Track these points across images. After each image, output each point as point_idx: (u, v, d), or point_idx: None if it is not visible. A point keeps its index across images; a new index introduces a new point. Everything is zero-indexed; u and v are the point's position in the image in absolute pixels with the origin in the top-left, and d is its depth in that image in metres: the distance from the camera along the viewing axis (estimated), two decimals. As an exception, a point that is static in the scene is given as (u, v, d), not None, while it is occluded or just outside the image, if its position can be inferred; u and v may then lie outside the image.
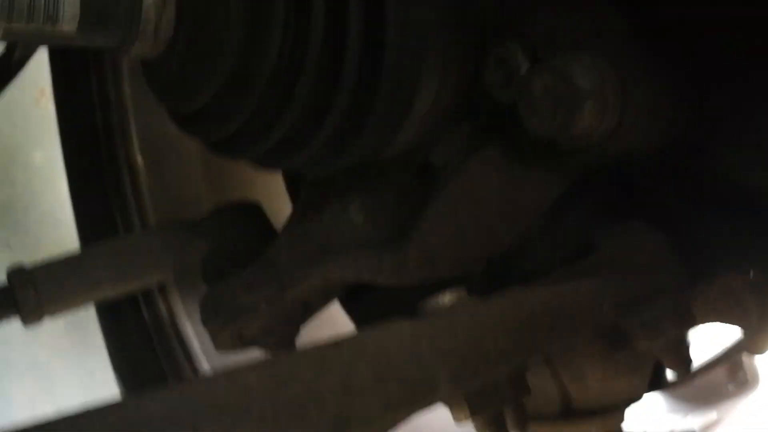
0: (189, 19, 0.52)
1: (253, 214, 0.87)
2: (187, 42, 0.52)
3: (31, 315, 0.77)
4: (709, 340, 0.65)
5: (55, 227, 1.46)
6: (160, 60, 0.54)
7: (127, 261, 0.83)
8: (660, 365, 0.65)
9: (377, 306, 0.79)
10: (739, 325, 0.59)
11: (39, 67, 1.00)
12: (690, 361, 0.61)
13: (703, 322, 0.56)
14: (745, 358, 0.92)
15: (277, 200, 0.94)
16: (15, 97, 1.06)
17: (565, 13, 0.56)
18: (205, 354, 1.02)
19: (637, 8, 0.56)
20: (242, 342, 0.77)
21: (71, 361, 1.50)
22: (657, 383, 0.67)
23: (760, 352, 0.63)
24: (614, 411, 0.64)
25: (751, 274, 0.56)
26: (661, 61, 0.54)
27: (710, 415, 0.96)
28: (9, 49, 0.86)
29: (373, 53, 0.54)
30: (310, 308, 0.77)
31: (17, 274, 0.77)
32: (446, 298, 0.52)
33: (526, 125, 0.51)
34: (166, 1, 0.52)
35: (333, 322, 0.91)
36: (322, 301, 0.77)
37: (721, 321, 0.59)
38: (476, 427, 0.57)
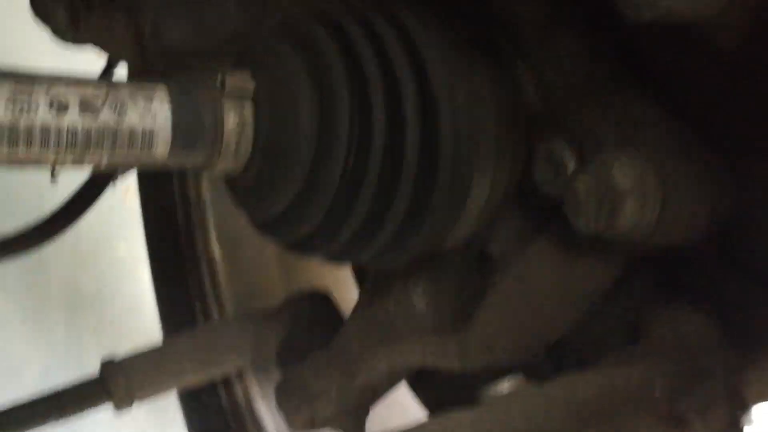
0: (264, 140, 0.58)
1: (323, 303, 0.93)
2: (263, 159, 0.59)
3: (122, 402, 0.84)
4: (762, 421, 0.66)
5: (138, 316, 1.55)
6: (240, 175, 0.61)
7: (207, 350, 0.89)
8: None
9: (443, 388, 0.82)
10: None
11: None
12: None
13: (755, 403, 0.58)
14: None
15: (345, 287, 0.99)
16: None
17: (606, 109, 0.61)
18: (279, 436, 1.07)
19: (673, 96, 0.60)
20: (315, 425, 0.81)
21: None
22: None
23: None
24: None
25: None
26: (699, 146, 0.58)
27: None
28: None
29: (429, 156, 0.59)
30: (377, 392, 0.81)
31: (109, 365, 0.84)
32: (505, 386, 0.55)
33: (573, 224, 0.55)
34: (245, 124, 0.58)
35: (400, 402, 0.94)
36: (389, 385, 0.81)
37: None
38: None
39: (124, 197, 1.49)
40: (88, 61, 0.86)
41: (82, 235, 1.45)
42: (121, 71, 0.86)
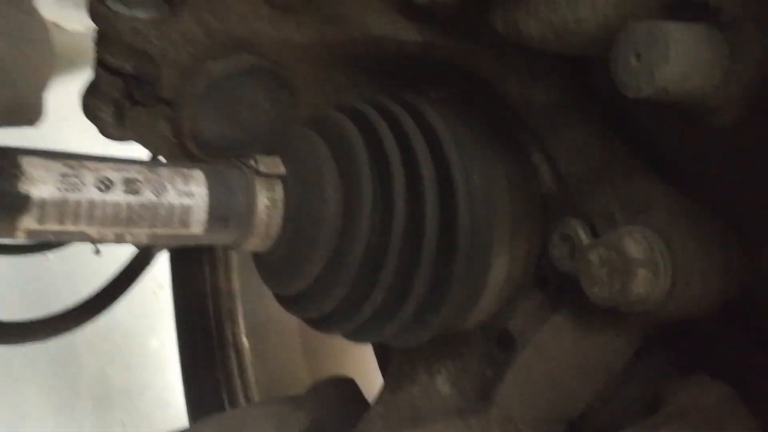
0: (293, 220, 0.62)
1: (347, 388, 0.94)
2: (290, 238, 0.62)
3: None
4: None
5: (166, 408, 1.56)
6: (269, 252, 0.64)
7: (233, 435, 0.89)
8: None
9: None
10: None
11: (157, 263, 1.14)
12: None
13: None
14: None
15: (368, 374, 1.00)
16: (135, 290, 1.20)
17: (618, 189, 0.64)
18: None
19: (682, 174, 0.63)
20: None
21: None
22: None
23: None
24: None
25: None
26: (709, 220, 0.60)
27: None
28: (140, 251, 1.00)
29: (448, 236, 0.62)
30: (402, 476, 0.80)
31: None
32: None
33: (588, 294, 0.57)
34: (275, 205, 0.62)
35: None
36: (413, 469, 0.80)
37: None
38: None
39: (156, 293, 1.53)
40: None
41: (115, 328, 1.48)
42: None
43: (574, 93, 0.68)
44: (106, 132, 0.79)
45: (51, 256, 1.01)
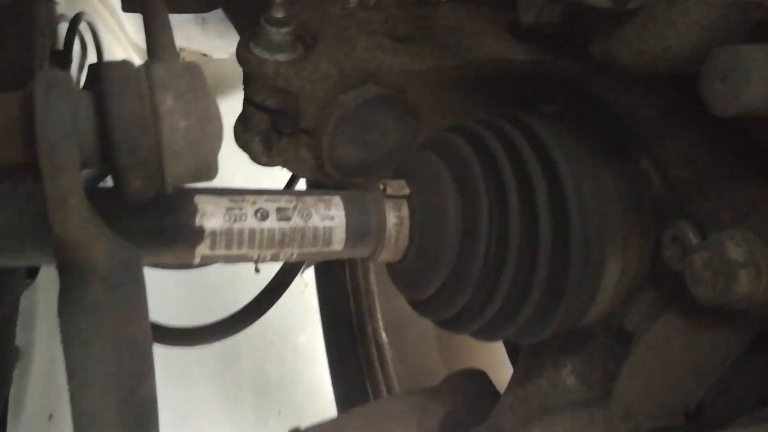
0: (418, 234, 0.70)
1: (480, 380, 1.01)
2: (417, 250, 0.71)
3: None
4: None
5: (317, 399, 1.69)
6: (399, 263, 0.73)
7: (377, 424, 0.99)
8: None
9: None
10: None
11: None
12: None
13: None
14: None
15: (500, 366, 1.07)
16: (286, 289, 1.33)
17: (724, 193, 0.67)
18: None
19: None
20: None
21: None
22: None
23: None
24: None
25: None
26: None
27: None
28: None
29: (562, 246, 0.68)
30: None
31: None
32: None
33: (694, 294, 0.62)
34: (402, 222, 0.71)
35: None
36: (541, 456, 0.86)
37: None
38: None
39: (302, 292, 1.66)
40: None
41: (269, 326, 1.63)
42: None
43: (679, 102, 0.71)
44: (256, 159, 0.91)
45: (212, 270, 1.15)
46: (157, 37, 0.66)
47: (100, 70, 0.47)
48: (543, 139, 0.71)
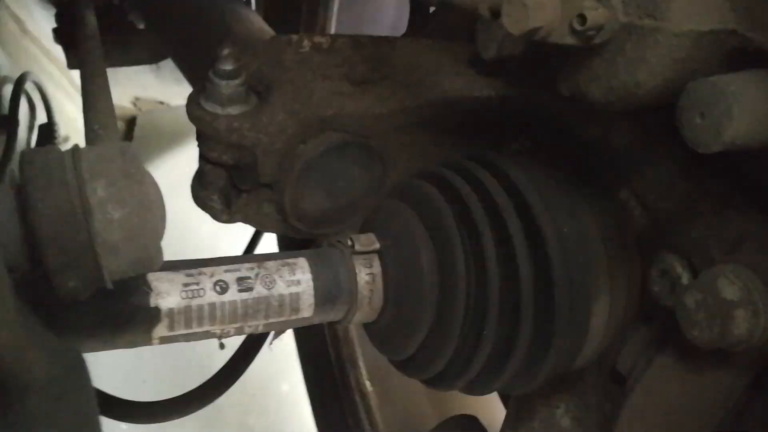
0: (393, 290, 0.66)
1: (472, 426, 0.96)
2: (393, 307, 0.66)
3: None
4: None
5: (304, 449, 1.64)
6: (376, 321, 0.68)
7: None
8: None
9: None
10: None
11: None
12: None
13: None
14: None
15: (491, 410, 1.02)
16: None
17: (710, 223, 0.64)
18: None
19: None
20: None
21: None
22: None
23: None
24: None
25: None
26: None
27: None
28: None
29: (545, 290, 0.64)
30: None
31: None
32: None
33: (689, 338, 0.58)
34: (375, 279, 0.67)
35: None
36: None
37: None
38: None
39: (282, 338, 1.61)
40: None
41: (249, 377, 1.58)
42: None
43: (655, 130, 0.68)
44: (216, 218, 0.86)
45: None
46: (92, 103, 0.62)
47: (50, 131, 0.42)
48: (515, 181, 0.68)
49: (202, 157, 0.82)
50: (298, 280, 0.65)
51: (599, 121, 0.71)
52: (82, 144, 0.50)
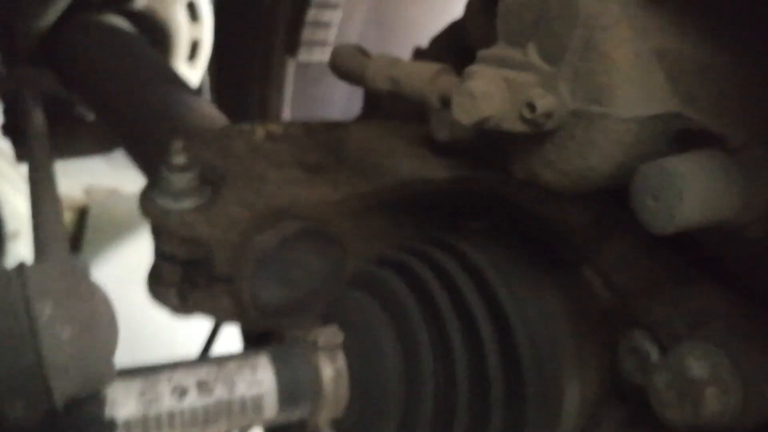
0: (359, 385, 0.64)
1: None
2: (359, 404, 0.64)
3: None
4: None
5: None
6: (343, 420, 0.66)
7: None
8: None
9: None
10: None
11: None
12: None
13: None
14: None
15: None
16: None
17: (674, 300, 0.64)
18: None
19: (738, 277, 0.62)
20: None
21: None
22: None
23: None
24: None
25: None
26: None
27: None
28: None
29: (514, 378, 0.63)
30: None
31: None
32: None
33: (661, 418, 0.57)
34: (339, 374, 0.65)
35: None
36: None
37: None
38: None
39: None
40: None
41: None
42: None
43: (612, 208, 0.69)
44: (173, 312, 0.84)
45: None
46: (40, 208, 0.60)
47: None
48: (477, 265, 0.67)
49: (157, 252, 0.80)
50: (260, 380, 0.62)
51: (556, 201, 0.72)
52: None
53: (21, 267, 0.40)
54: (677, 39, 0.49)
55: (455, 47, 0.84)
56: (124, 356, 0.55)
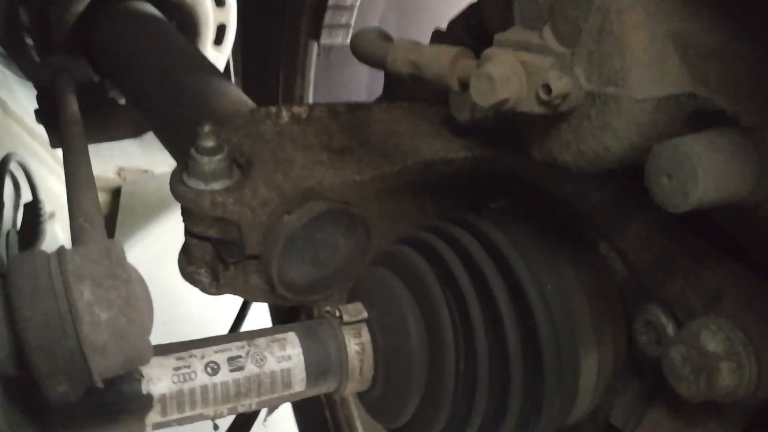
0: (383, 359, 0.67)
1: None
2: (385, 376, 0.67)
3: None
4: None
5: None
6: (368, 391, 0.69)
7: None
8: None
9: None
10: None
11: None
12: None
13: None
14: None
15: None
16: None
17: (690, 276, 0.65)
18: None
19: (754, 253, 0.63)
20: None
21: None
22: None
23: None
24: None
25: None
26: None
27: None
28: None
29: (532, 351, 0.65)
30: None
31: None
32: None
33: (676, 390, 0.59)
34: (365, 348, 0.67)
35: None
36: None
37: None
38: None
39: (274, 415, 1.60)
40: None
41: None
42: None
43: (630, 186, 0.70)
44: (205, 291, 0.86)
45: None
46: (76, 193, 0.63)
47: (36, 209, 0.43)
48: (497, 242, 0.69)
49: (188, 232, 0.83)
50: (288, 356, 0.65)
51: (571, 180, 0.73)
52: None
53: (61, 251, 0.43)
54: (691, 22, 0.50)
55: (473, 30, 0.85)
56: (157, 333, 0.58)
